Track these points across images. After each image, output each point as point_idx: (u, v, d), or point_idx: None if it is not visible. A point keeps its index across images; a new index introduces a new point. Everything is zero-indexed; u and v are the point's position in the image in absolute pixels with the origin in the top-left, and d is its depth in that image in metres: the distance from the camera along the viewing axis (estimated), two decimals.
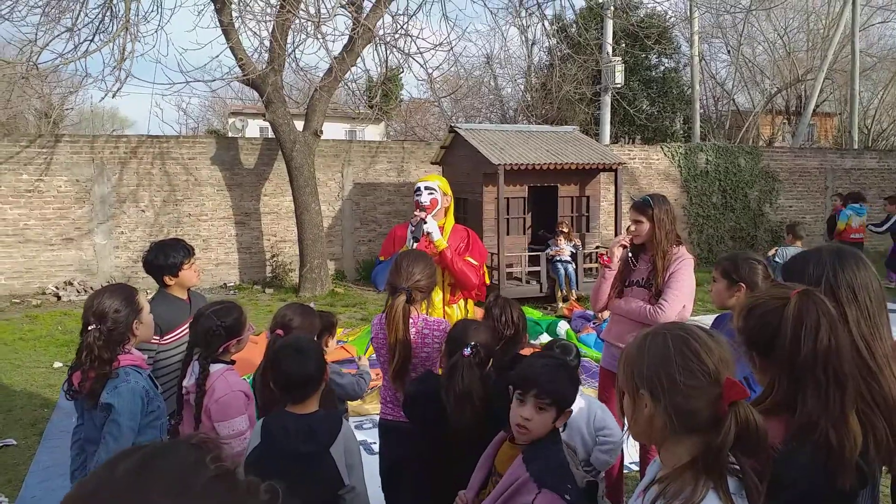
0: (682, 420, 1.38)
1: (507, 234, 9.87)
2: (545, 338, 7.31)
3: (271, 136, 11.26)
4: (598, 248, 10.33)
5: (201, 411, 2.67)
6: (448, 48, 11.73)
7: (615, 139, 18.29)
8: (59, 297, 10.40)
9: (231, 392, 2.68)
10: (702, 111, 20.42)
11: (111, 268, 11.11)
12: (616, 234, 9.66)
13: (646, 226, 3.46)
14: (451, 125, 10.91)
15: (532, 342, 6.72)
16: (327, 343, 3.28)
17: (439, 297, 3.83)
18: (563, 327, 7.73)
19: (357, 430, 4.90)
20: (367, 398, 5.26)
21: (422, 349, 2.85)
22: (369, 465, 2.95)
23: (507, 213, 9.86)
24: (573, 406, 2.12)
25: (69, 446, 2.85)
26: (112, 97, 9.08)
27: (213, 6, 9.74)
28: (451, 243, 3.90)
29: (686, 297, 3.42)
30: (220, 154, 11.74)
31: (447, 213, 4.10)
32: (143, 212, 11.33)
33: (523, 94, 20.94)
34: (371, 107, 13.21)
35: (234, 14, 9.54)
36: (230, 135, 17.49)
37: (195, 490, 0.75)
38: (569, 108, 18.20)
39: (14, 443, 4.94)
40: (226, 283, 11.71)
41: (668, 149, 14.50)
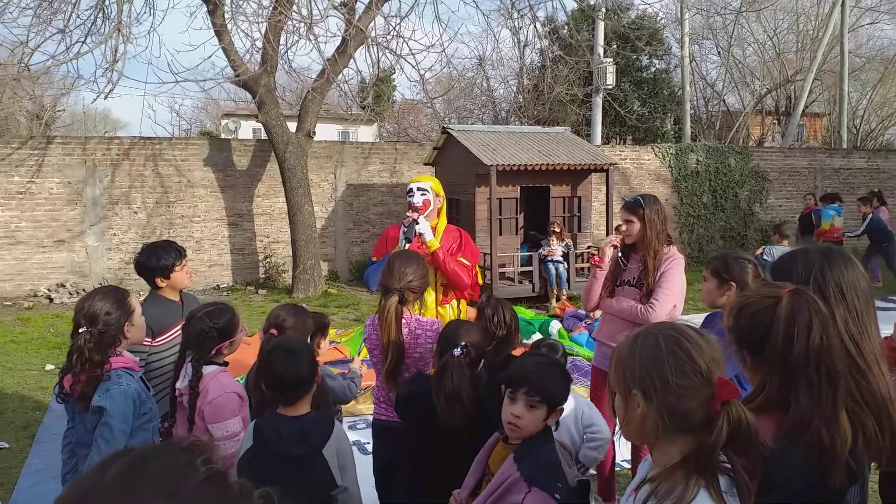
0: (675, 420, 1.38)
1: (500, 234, 9.88)
2: (537, 337, 7.32)
3: (264, 137, 11.23)
4: (589, 248, 10.36)
5: (195, 413, 2.67)
6: (440, 50, 11.71)
7: (606, 140, 18.33)
8: (51, 300, 10.34)
9: (224, 394, 2.68)
10: (692, 112, 20.50)
11: (103, 270, 11.06)
12: (608, 234, 9.68)
13: (637, 226, 3.47)
14: (444, 126, 10.91)
15: (525, 342, 6.73)
16: (320, 344, 3.27)
17: (432, 297, 3.84)
18: (555, 327, 7.75)
19: (350, 431, 4.90)
20: (361, 398, 5.27)
21: (414, 350, 2.85)
22: (363, 465, 2.96)
23: (500, 214, 9.88)
24: None
25: (61, 450, 2.84)
26: (104, 99, 9.08)
27: (205, 8, 9.72)
28: (444, 244, 3.91)
29: (677, 296, 3.44)
30: (213, 155, 11.70)
31: (440, 213, 4.11)
32: (136, 213, 11.27)
33: (515, 96, 20.99)
34: (363, 108, 13.20)
35: (226, 16, 9.51)
36: (223, 136, 17.44)
37: (186, 492, 0.75)
38: (560, 109, 18.27)
39: (6, 446, 4.90)
40: (219, 285, 11.67)
41: (659, 149, 14.55)
